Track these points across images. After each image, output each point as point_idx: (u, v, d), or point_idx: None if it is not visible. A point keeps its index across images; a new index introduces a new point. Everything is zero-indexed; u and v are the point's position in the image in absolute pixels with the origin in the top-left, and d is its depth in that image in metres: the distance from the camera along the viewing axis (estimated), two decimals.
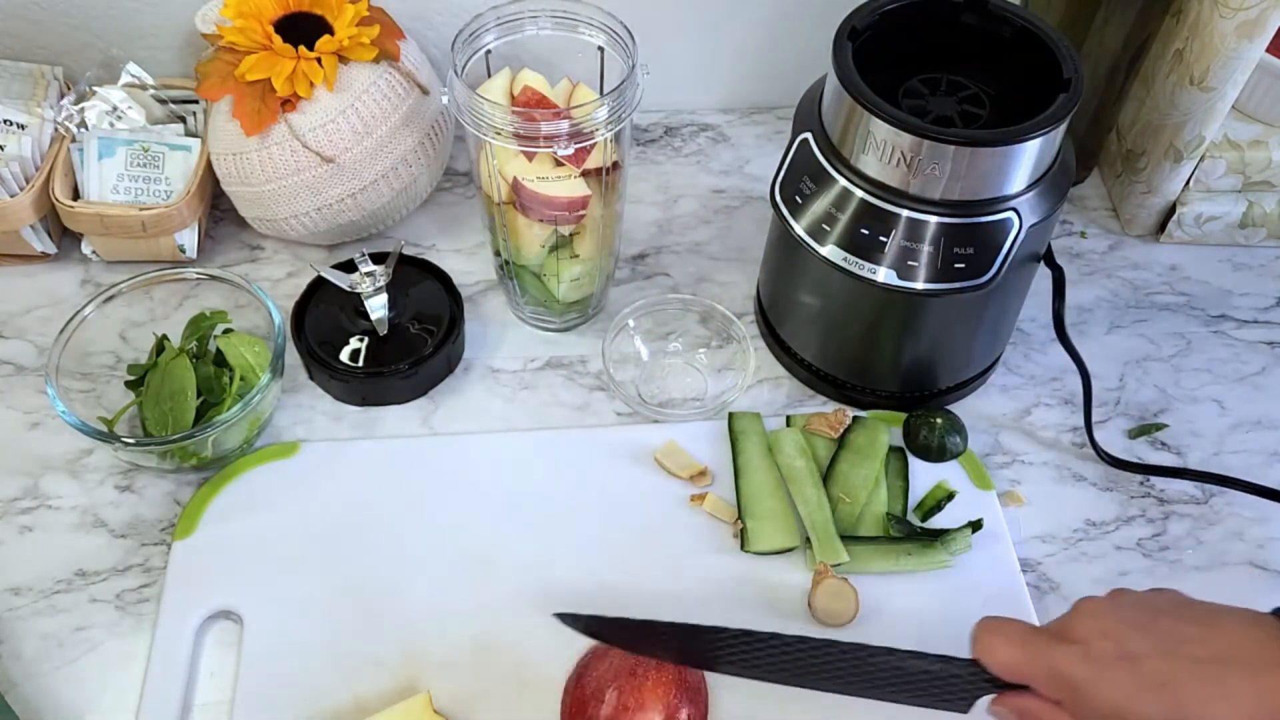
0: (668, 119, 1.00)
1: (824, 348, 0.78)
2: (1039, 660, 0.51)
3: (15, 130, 0.80)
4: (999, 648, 0.53)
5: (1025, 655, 0.52)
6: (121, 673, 0.65)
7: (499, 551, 0.70)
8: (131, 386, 0.75)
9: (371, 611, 0.67)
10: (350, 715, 0.63)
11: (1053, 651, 0.51)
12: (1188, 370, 0.83)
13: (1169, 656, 0.48)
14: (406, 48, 0.83)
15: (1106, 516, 0.75)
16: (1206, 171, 0.86)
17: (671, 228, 0.91)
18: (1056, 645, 0.51)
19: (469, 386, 0.80)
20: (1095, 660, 0.49)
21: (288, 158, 0.78)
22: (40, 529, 0.72)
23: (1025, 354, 0.84)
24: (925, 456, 0.76)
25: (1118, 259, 0.91)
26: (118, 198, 0.81)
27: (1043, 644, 0.51)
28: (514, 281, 0.80)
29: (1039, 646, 0.51)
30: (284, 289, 0.85)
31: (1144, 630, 0.49)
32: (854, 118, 0.65)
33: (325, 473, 0.74)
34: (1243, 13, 0.75)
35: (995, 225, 0.66)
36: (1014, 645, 0.52)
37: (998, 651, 0.53)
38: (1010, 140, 0.63)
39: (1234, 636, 0.48)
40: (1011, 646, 0.52)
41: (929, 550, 0.70)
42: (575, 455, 0.75)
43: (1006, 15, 0.69)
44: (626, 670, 0.61)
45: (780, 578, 0.70)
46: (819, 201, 0.69)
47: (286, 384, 0.79)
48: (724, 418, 0.77)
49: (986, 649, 0.53)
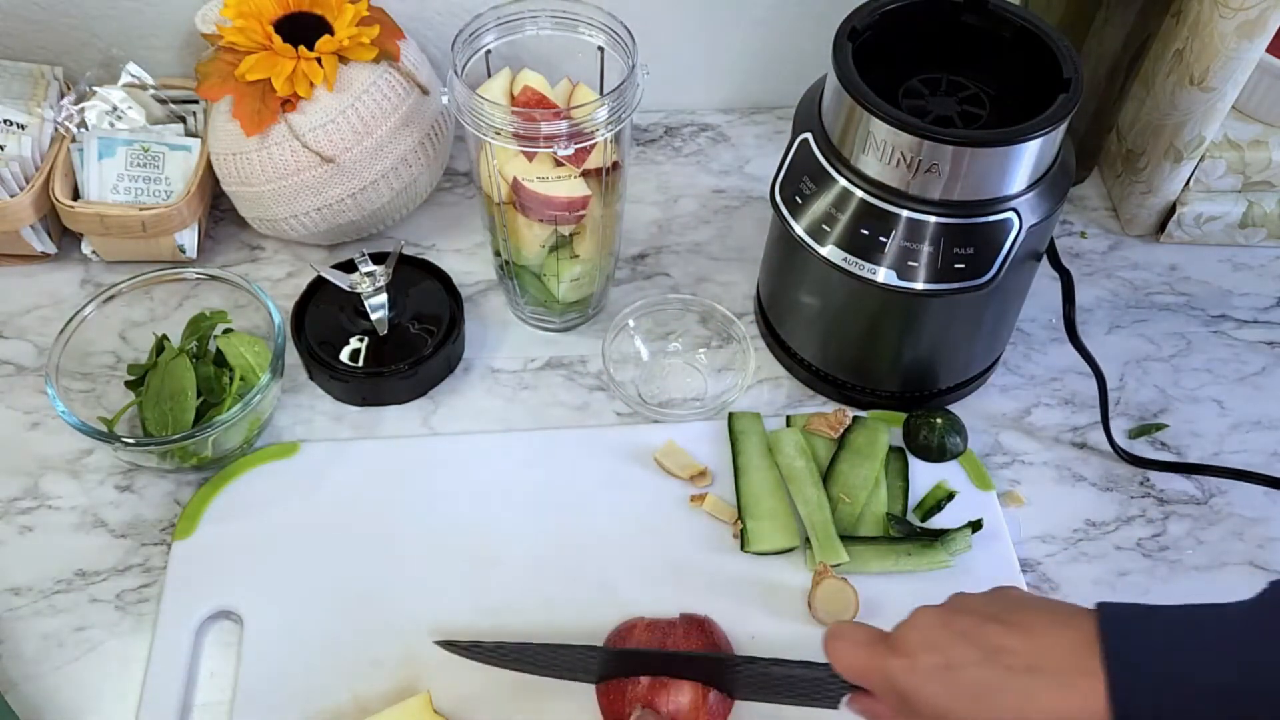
0: (668, 119, 1.00)
1: (824, 348, 0.78)
2: (876, 668, 0.53)
3: (15, 130, 0.80)
4: (844, 652, 0.55)
5: (864, 662, 0.54)
6: (121, 673, 0.66)
7: (499, 551, 0.70)
8: (131, 386, 0.75)
9: (371, 611, 0.67)
10: (350, 715, 0.63)
11: (886, 661, 0.52)
12: (1188, 370, 0.83)
13: (986, 666, 0.49)
14: (406, 48, 0.83)
15: (1106, 516, 0.75)
16: (1206, 171, 0.86)
17: (671, 228, 0.91)
18: (890, 655, 0.52)
19: (469, 386, 0.80)
20: (920, 671, 0.51)
21: (288, 158, 0.78)
22: (40, 529, 0.72)
23: (1025, 354, 0.84)
24: (925, 456, 0.76)
25: (1118, 259, 0.91)
26: (118, 198, 0.81)
27: (879, 652, 0.53)
28: (514, 281, 0.80)
29: (876, 655, 0.53)
30: (284, 289, 0.85)
31: (967, 640, 0.50)
32: (854, 118, 0.65)
33: (325, 473, 0.74)
34: (1243, 13, 0.75)
35: (995, 225, 0.66)
36: (856, 650, 0.54)
37: (843, 656, 0.55)
38: (1010, 140, 0.63)
39: (1047, 643, 0.49)
40: (854, 652, 0.54)
41: (929, 550, 0.70)
42: (575, 455, 0.75)
43: (1006, 15, 0.69)
44: (656, 644, 0.63)
45: (780, 578, 0.70)
46: (819, 201, 0.69)
47: (286, 384, 0.79)
48: (724, 418, 0.77)
49: (834, 653, 0.55)
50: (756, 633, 0.67)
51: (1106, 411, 0.76)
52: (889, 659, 0.52)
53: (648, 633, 0.65)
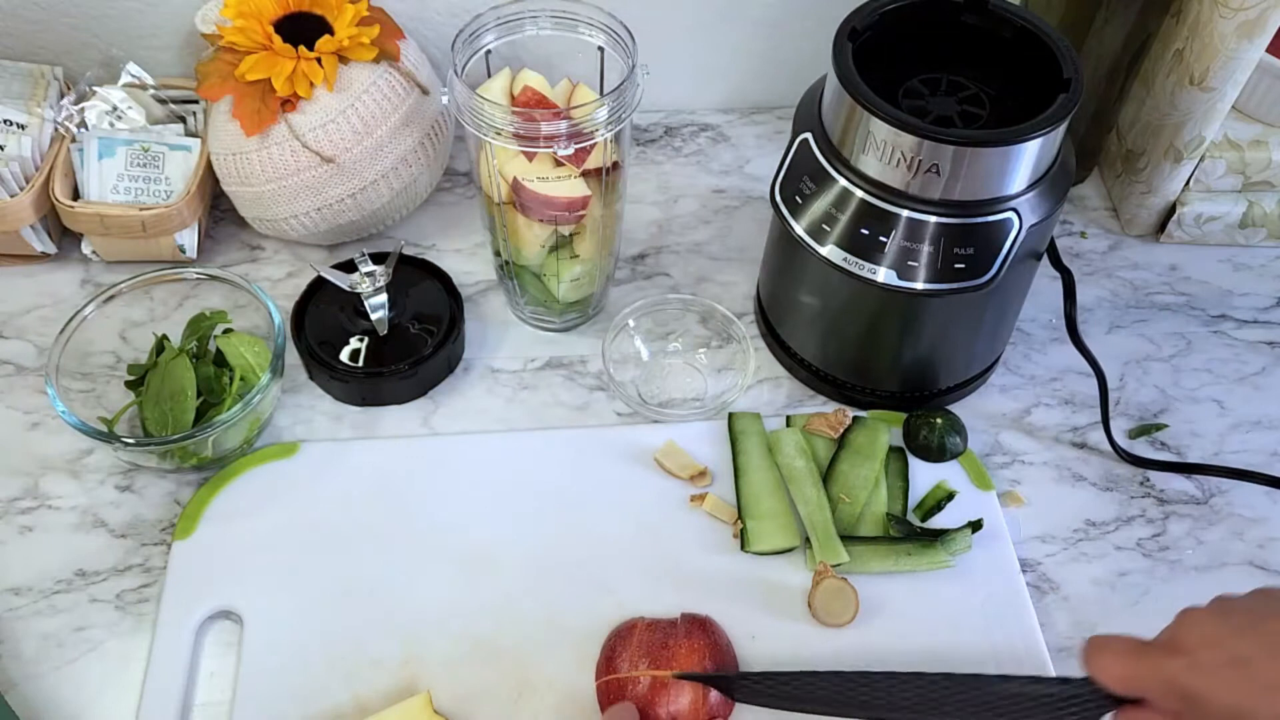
0: (668, 119, 1.00)
1: (824, 348, 0.78)
2: (1151, 673, 0.52)
3: (15, 130, 0.80)
4: (1111, 663, 0.53)
5: (1137, 669, 0.52)
6: (121, 673, 0.65)
7: (499, 551, 0.70)
8: (131, 386, 0.75)
9: (371, 611, 0.67)
10: (350, 715, 0.63)
11: (1164, 663, 0.51)
12: (1188, 370, 0.83)
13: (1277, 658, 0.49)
14: (406, 48, 0.83)
15: (1106, 516, 0.75)
16: (1206, 171, 0.86)
17: (671, 228, 0.91)
18: (1166, 657, 0.51)
19: (469, 386, 0.80)
20: (1205, 668, 0.50)
21: (288, 158, 0.78)
22: (40, 529, 0.72)
23: (1025, 354, 0.84)
24: (925, 456, 0.76)
25: (1118, 259, 0.91)
26: (118, 198, 0.81)
27: (1153, 656, 0.52)
28: (514, 281, 0.80)
29: (1150, 659, 0.52)
30: (284, 289, 0.85)
31: (1250, 634, 0.50)
32: (854, 118, 0.65)
33: (325, 473, 0.74)
34: (1243, 13, 0.75)
35: (995, 225, 0.66)
36: (1125, 660, 0.53)
37: (1110, 668, 0.53)
38: (1010, 140, 0.63)
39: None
40: (1123, 661, 0.53)
41: (929, 550, 0.70)
42: (575, 455, 0.75)
43: (1006, 15, 0.69)
44: (658, 644, 0.63)
45: (780, 578, 0.70)
46: (819, 201, 0.69)
47: (286, 384, 0.79)
48: (724, 418, 0.77)
49: (1099, 666, 0.54)
50: (757, 633, 0.67)
51: (1107, 411, 0.76)
52: (1167, 660, 0.51)
53: (648, 633, 0.65)
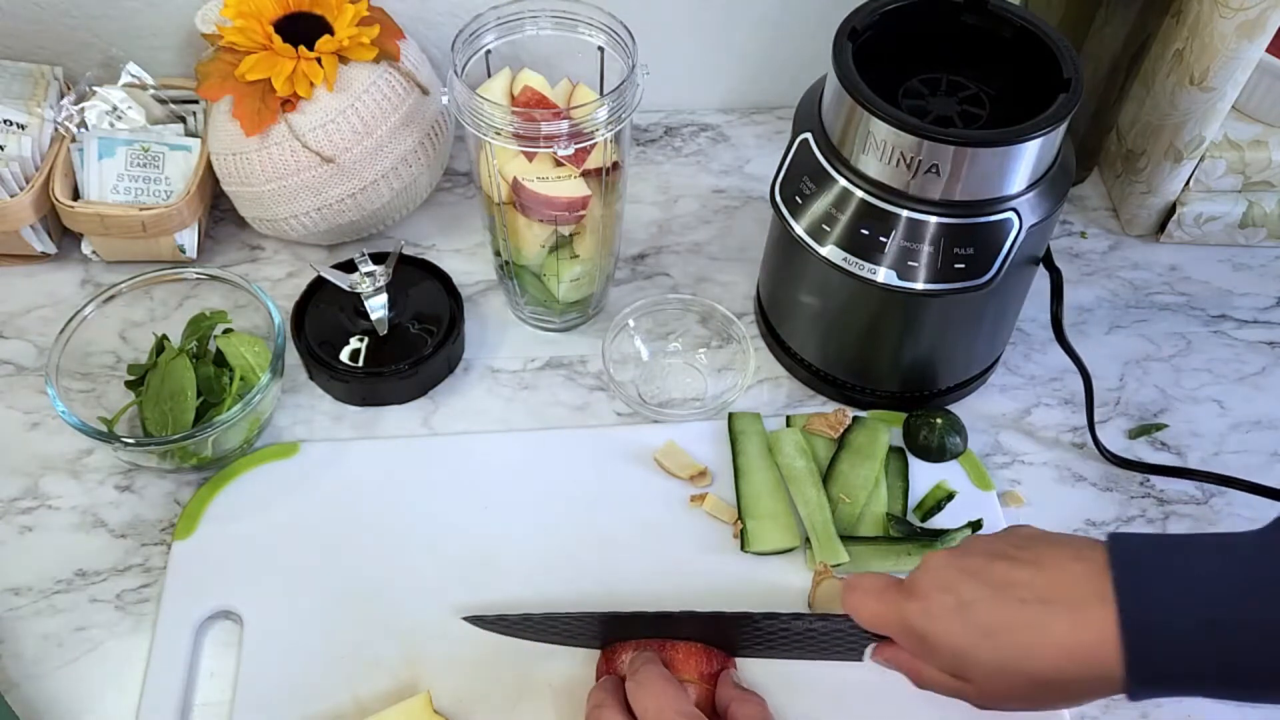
0: (668, 119, 1.00)
1: (824, 348, 0.78)
2: (893, 614, 0.54)
3: (15, 130, 0.80)
4: (861, 602, 0.55)
5: (881, 610, 0.54)
6: (121, 673, 0.65)
7: (499, 551, 0.70)
8: (131, 386, 0.75)
9: (372, 611, 0.67)
10: (350, 715, 0.63)
11: (903, 605, 0.53)
12: (1188, 370, 0.83)
13: (997, 601, 0.50)
14: (406, 48, 0.83)
15: (1106, 516, 0.75)
16: (1206, 171, 0.86)
17: (671, 228, 0.91)
18: (906, 599, 0.53)
19: (469, 386, 0.80)
20: (934, 612, 0.51)
21: (288, 158, 0.78)
22: (40, 529, 0.72)
23: (1025, 354, 0.84)
24: (925, 456, 0.76)
25: (1118, 259, 0.91)
26: (118, 198, 0.81)
27: (895, 598, 0.54)
28: (514, 281, 0.80)
29: (892, 601, 0.54)
30: (284, 289, 0.85)
31: (978, 577, 0.51)
32: (854, 118, 0.65)
33: (325, 473, 0.74)
34: (1243, 13, 0.75)
35: (995, 225, 0.66)
36: (872, 599, 0.55)
37: (859, 606, 0.55)
38: (1010, 140, 0.63)
39: (1058, 575, 0.49)
40: (869, 600, 0.55)
41: (929, 550, 0.70)
42: (575, 455, 0.75)
43: (1006, 15, 0.69)
44: (657, 644, 0.63)
45: (780, 578, 0.70)
46: (819, 201, 0.69)
47: (286, 384, 0.79)
48: (724, 418, 0.77)
49: (849, 603, 0.56)
50: None
51: (1092, 412, 0.76)
52: (904, 603, 0.53)
53: None
